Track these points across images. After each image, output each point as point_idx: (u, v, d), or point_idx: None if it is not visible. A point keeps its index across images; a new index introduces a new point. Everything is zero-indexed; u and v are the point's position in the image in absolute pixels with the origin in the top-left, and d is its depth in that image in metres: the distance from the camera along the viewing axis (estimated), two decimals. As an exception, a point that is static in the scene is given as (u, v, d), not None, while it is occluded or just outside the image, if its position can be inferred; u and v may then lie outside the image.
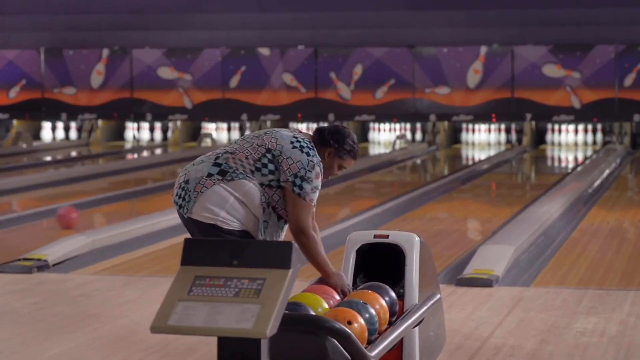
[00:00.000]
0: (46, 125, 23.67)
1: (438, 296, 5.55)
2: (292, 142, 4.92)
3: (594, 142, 21.58)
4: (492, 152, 20.68)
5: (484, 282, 7.72)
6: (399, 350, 5.22)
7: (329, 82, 21.71)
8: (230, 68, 22.11)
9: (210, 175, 4.89)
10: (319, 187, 4.99)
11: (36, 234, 10.73)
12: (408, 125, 22.32)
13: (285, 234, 5.13)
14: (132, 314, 6.89)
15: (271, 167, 4.90)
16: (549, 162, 19.93)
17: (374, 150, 21.39)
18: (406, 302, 5.24)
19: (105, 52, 22.69)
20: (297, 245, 4.00)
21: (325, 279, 5.05)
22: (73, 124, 23.56)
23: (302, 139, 4.98)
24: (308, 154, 4.91)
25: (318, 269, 5.04)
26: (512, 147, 21.40)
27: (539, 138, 21.92)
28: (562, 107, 20.91)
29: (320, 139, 5.04)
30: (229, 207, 4.87)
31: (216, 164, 4.90)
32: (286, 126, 22.49)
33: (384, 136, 22.36)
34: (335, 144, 5.04)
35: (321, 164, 4.99)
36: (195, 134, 23.17)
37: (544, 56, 20.88)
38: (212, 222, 4.85)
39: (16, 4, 23.28)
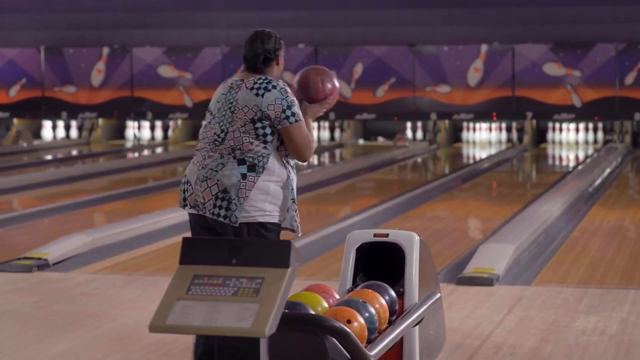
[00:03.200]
0: (47, 124, 23.66)
1: (438, 295, 5.54)
2: (256, 94, 4.88)
3: (595, 141, 21.57)
4: (493, 151, 20.67)
5: (484, 281, 7.72)
6: (399, 349, 5.21)
7: (329, 81, 21.68)
8: (231, 66, 22.10)
9: (244, 175, 4.85)
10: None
11: (36, 233, 10.72)
12: (409, 124, 22.32)
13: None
14: (131, 313, 6.88)
15: (267, 129, 4.88)
16: (550, 161, 19.92)
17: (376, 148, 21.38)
18: (406, 301, 5.23)
19: (106, 50, 22.68)
20: (295, 245, 3.98)
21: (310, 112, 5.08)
22: (73, 123, 23.55)
23: (255, 82, 4.92)
24: (274, 87, 4.89)
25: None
26: (512, 146, 21.39)
27: (540, 136, 21.91)
28: (563, 106, 20.90)
29: (266, 59, 4.97)
30: (270, 198, 4.88)
31: (241, 162, 4.87)
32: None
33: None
34: (279, 50, 5.00)
35: (285, 84, 4.95)
36: (195, 133, 23.16)
37: (544, 54, 20.87)
38: (261, 220, 4.86)
39: (16, 2, 23.28)
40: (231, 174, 4.85)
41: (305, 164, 4.98)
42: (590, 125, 21.61)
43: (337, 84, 5.13)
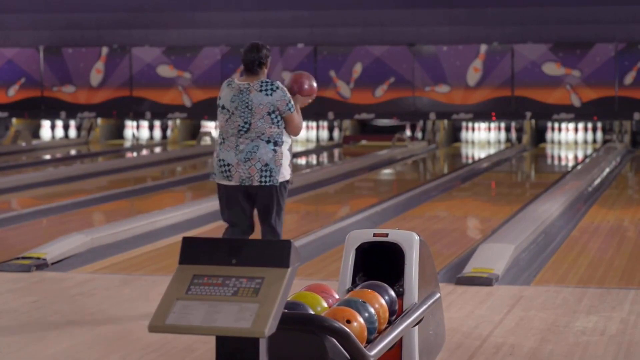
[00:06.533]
0: (45, 124, 23.65)
1: (438, 295, 5.53)
2: (267, 94, 6.73)
3: (594, 141, 21.57)
4: (492, 151, 20.67)
5: (484, 281, 7.71)
6: (399, 349, 5.20)
7: (328, 81, 21.69)
8: (230, 66, 22.08)
9: (275, 151, 6.71)
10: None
11: (35, 233, 10.71)
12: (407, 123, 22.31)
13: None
14: (130, 313, 6.87)
15: (278, 117, 6.75)
16: (549, 161, 19.92)
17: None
18: (405, 300, 5.22)
19: (105, 50, 22.67)
20: (295, 244, 3.97)
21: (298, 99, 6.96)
22: (72, 123, 23.55)
23: (262, 85, 6.74)
24: (277, 88, 6.78)
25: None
26: (512, 146, 21.39)
27: (539, 136, 21.90)
28: (562, 106, 20.89)
29: (260, 64, 6.80)
30: (288, 161, 6.80)
31: (268, 142, 6.71)
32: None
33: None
34: (268, 57, 6.86)
35: (279, 82, 6.81)
36: (194, 133, 23.16)
37: (544, 54, 20.86)
38: (287, 178, 6.80)
39: (16, 2, 23.26)
40: (267, 151, 6.70)
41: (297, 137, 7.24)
42: (590, 125, 21.61)
43: (315, 85, 7.09)
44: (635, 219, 11.40)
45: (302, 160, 19.72)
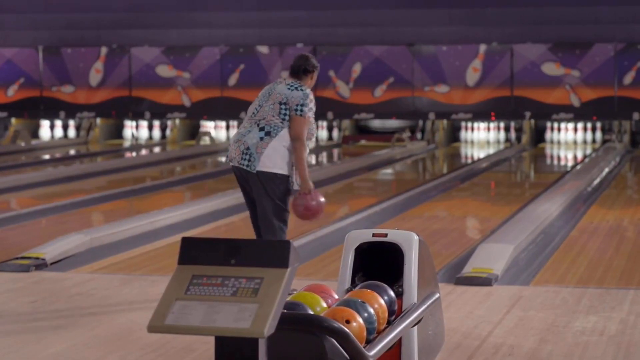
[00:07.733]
0: (45, 124, 23.64)
1: (437, 295, 5.52)
2: (289, 89, 7.14)
3: (594, 141, 21.57)
4: (491, 151, 20.66)
5: (483, 281, 7.70)
6: (398, 349, 5.19)
7: (327, 81, 21.69)
8: (229, 66, 22.09)
9: (262, 138, 7.00)
10: (314, 108, 7.17)
11: (34, 233, 10.70)
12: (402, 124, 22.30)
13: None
14: (129, 313, 6.87)
15: (287, 112, 7.04)
16: (548, 161, 19.92)
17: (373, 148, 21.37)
18: (405, 301, 5.22)
19: (104, 50, 22.66)
20: (294, 245, 3.97)
21: (301, 180, 7.08)
22: (71, 122, 23.54)
23: (292, 82, 7.21)
24: (302, 90, 7.15)
25: (299, 169, 7.06)
26: (511, 146, 21.39)
27: (538, 136, 21.90)
28: (562, 106, 20.89)
29: (305, 70, 7.28)
30: (280, 156, 6.97)
31: (261, 129, 7.03)
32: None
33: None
34: (315, 69, 7.36)
35: (310, 92, 7.20)
36: (193, 133, 23.15)
37: (543, 54, 20.86)
38: (273, 171, 6.95)
39: (15, 2, 23.25)
40: (253, 136, 7.04)
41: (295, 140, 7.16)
42: (589, 125, 21.61)
43: (323, 202, 7.18)
44: (635, 219, 11.40)
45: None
